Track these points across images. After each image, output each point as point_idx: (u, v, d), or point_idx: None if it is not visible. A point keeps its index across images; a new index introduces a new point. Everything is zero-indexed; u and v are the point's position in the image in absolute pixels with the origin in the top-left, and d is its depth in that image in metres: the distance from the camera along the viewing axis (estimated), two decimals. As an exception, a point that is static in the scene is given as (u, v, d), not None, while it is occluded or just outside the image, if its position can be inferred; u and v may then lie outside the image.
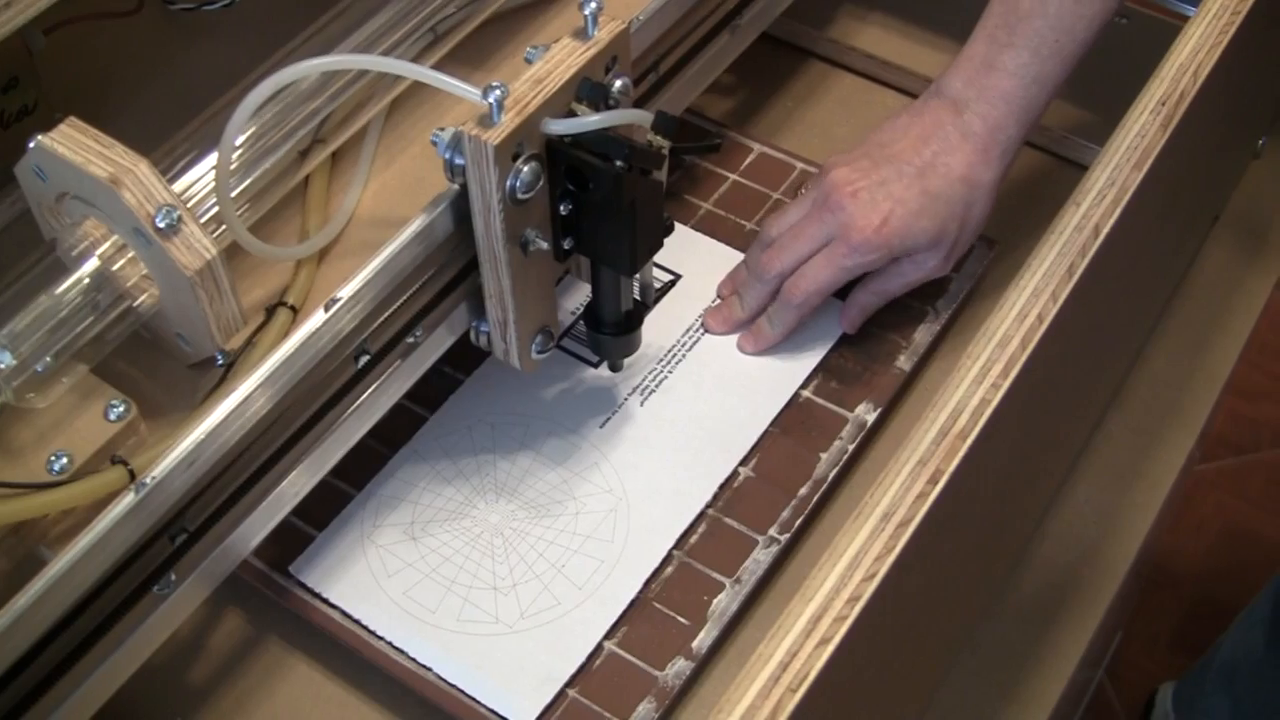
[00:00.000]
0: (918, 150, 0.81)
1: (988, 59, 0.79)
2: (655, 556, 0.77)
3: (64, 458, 0.65)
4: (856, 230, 0.80)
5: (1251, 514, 1.90)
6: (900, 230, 0.80)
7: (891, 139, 0.82)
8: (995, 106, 0.79)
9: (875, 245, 0.80)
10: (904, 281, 0.84)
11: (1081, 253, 0.65)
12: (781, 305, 0.84)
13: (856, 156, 0.83)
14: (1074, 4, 0.77)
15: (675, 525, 0.79)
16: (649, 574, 0.77)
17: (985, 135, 0.80)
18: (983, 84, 0.80)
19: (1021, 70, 0.78)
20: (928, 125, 0.81)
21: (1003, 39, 0.79)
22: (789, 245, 0.84)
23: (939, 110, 0.81)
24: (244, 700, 0.75)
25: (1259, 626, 1.34)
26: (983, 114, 0.80)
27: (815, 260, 0.82)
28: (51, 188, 0.67)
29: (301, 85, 0.75)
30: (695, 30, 0.84)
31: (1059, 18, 0.77)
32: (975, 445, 0.58)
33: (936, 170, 0.80)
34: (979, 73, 0.80)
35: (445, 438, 0.83)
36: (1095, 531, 0.84)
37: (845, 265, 0.81)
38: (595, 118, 0.67)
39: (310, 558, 0.78)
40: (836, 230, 0.81)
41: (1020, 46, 0.78)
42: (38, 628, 0.59)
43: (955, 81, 0.81)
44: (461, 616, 0.75)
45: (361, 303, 0.67)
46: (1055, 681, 0.79)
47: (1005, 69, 0.79)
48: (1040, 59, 0.78)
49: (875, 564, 0.54)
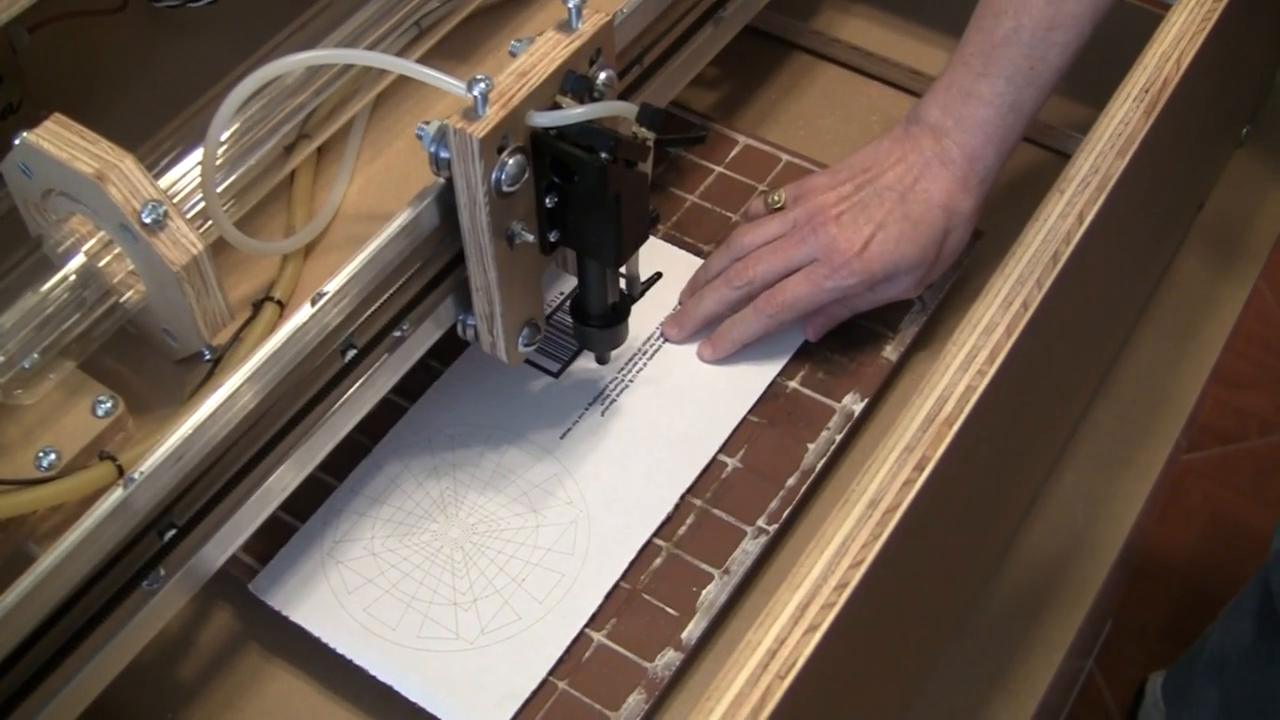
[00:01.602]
0: (900, 176, 0.81)
1: (964, 87, 0.79)
2: (617, 568, 0.77)
3: (52, 454, 0.65)
4: (839, 253, 0.81)
5: (1239, 503, 1.90)
6: (881, 255, 0.80)
7: (874, 163, 0.83)
8: (973, 135, 0.79)
9: (856, 270, 0.80)
10: (874, 299, 0.84)
11: (1066, 240, 0.65)
12: (753, 313, 0.84)
13: (840, 180, 0.83)
14: (1047, 31, 0.76)
15: (637, 536, 0.78)
16: (610, 586, 0.76)
17: (964, 164, 0.80)
18: (960, 112, 0.80)
19: (998, 99, 0.78)
20: (909, 151, 0.81)
21: (978, 67, 0.78)
22: (766, 258, 0.84)
23: (919, 137, 0.81)
24: (233, 696, 0.75)
25: (1247, 617, 1.34)
26: (961, 142, 0.80)
27: (795, 277, 0.83)
28: (37, 184, 0.67)
29: (286, 80, 0.75)
30: (679, 22, 0.84)
31: (1032, 45, 0.77)
32: (961, 432, 0.58)
33: (917, 196, 0.80)
34: (956, 101, 0.80)
35: (405, 449, 0.82)
36: (1083, 520, 0.85)
37: (825, 286, 0.81)
38: (580, 110, 0.67)
39: (271, 575, 0.77)
40: (818, 252, 0.82)
41: (995, 75, 0.78)
42: (27, 624, 0.59)
43: (933, 109, 0.81)
44: (422, 633, 0.75)
45: (348, 297, 0.67)
46: (1044, 669, 0.79)
47: (981, 97, 0.79)
48: (1015, 87, 0.78)
49: (862, 551, 0.54)
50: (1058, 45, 0.77)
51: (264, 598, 0.76)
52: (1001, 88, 0.78)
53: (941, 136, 0.80)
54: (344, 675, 0.75)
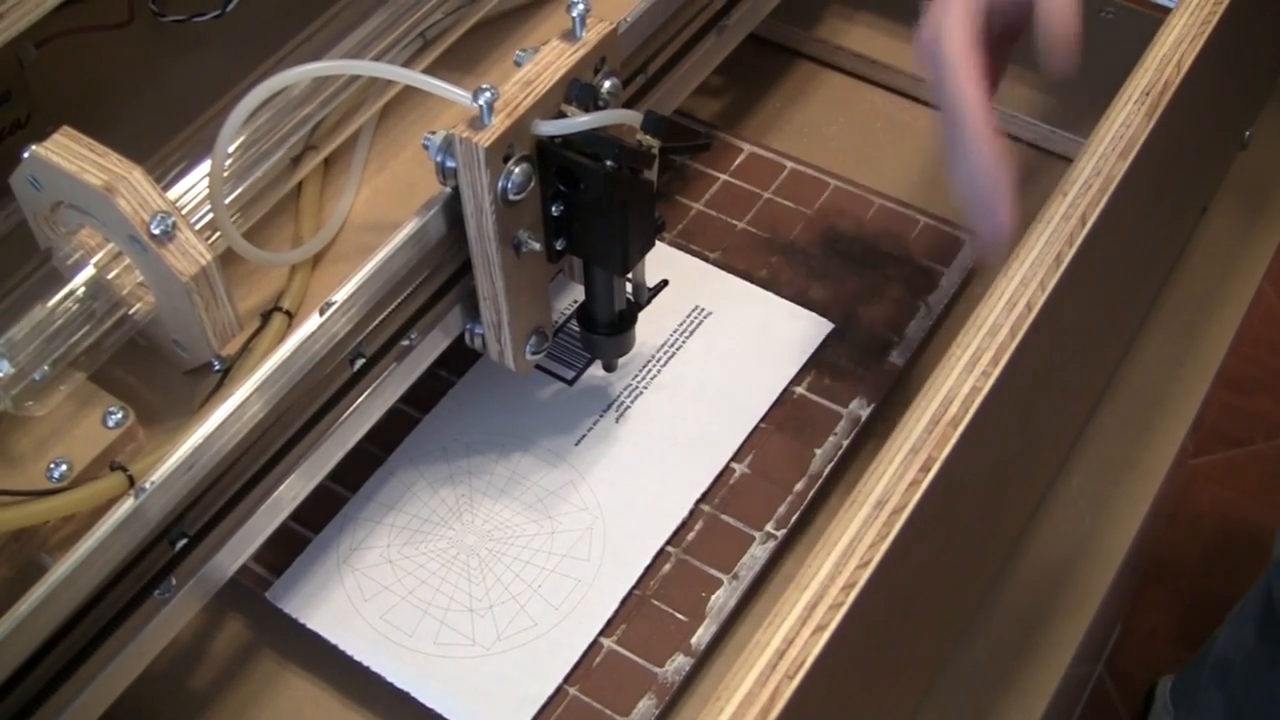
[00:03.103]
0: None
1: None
2: (632, 574, 0.77)
3: (63, 465, 0.66)
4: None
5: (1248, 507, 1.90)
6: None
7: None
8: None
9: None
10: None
11: (1069, 242, 0.65)
12: None
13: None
14: None
15: (651, 542, 0.78)
16: (626, 591, 0.77)
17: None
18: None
19: None
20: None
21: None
22: None
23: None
24: (247, 705, 0.76)
25: (1251, 622, 1.34)
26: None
27: None
28: (46, 197, 0.68)
29: (293, 92, 0.76)
30: (683, 31, 0.84)
31: None
32: (967, 433, 0.59)
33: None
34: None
35: (420, 457, 0.83)
36: (1090, 522, 0.85)
37: None
38: (585, 118, 0.67)
39: (287, 583, 0.77)
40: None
41: None
42: (39, 634, 0.59)
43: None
44: (439, 640, 0.75)
45: (356, 306, 0.67)
46: (1052, 672, 0.79)
47: None
48: None
49: (869, 551, 0.54)
50: None
51: (280, 605, 0.77)
52: None
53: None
54: (360, 682, 0.75)
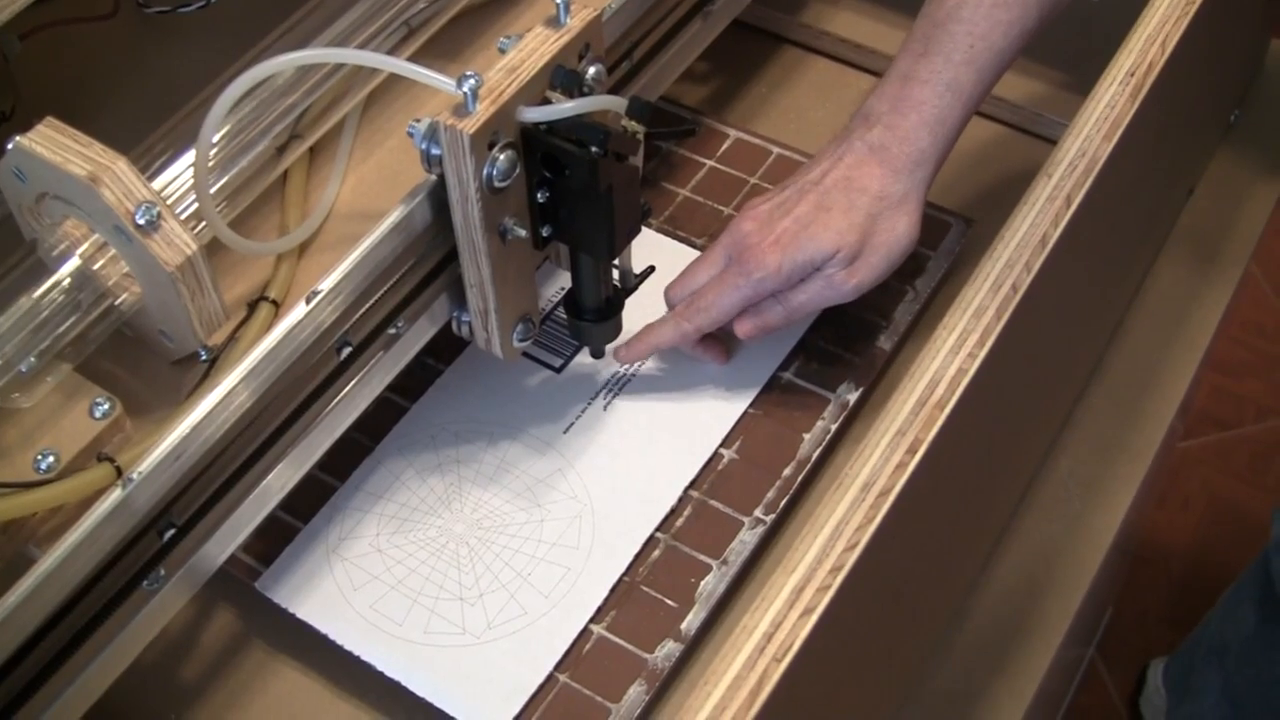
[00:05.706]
0: (825, 170, 0.79)
1: (903, 71, 0.78)
2: (621, 562, 0.77)
3: (50, 456, 0.65)
4: (749, 249, 0.79)
5: (1237, 489, 1.91)
6: (790, 244, 0.77)
7: (811, 166, 0.81)
8: (906, 116, 0.77)
9: (765, 262, 0.78)
10: (810, 299, 0.80)
11: (1054, 223, 0.65)
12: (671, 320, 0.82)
13: (774, 191, 0.82)
14: (990, 8, 0.75)
15: (640, 530, 0.79)
16: (615, 579, 0.77)
17: (894, 145, 0.77)
18: (896, 95, 0.78)
19: (934, 77, 0.76)
20: (840, 145, 0.80)
21: (918, 49, 0.77)
22: (689, 271, 0.83)
23: (854, 129, 0.79)
24: (238, 695, 0.76)
25: (1247, 603, 1.35)
26: (892, 125, 0.77)
27: (710, 282, 0.81)
28: (31, 188, 0.67)
29: (277, 81, 0.76)
30: (668, 17, 0.84)
31: (974, 23, 0.75)
32: (953, 415, 0.59)
33: (839, 185, 0.78)
34: (894, 86, 0.78)
35: (408, 446, 0.83)
36: (1079, 505, 0.85)
37: (737, 284, 0.79)
38: (570, 104, 0.67)
39: (276, 573, 0.77)
40: (732, 251, 0.80)
41: (934, 54, 0.76)
42: (28, 625, 0.59)
43: (873, 100, 0.79)
44: (429, 629, 0.75)
45: (342, 295, 0.67)
46: (1042, 655, 0.80)
47: (918, 77, 0.77)
48: (953, 65, 0.76)
49: (856, 534, 0.55)
50: (1001, 25, 0.75)
51: (270, 595, 0.77)
52: (939, 65, 0.76)
53: (874, 123, 0.78)
54: (350, 671, 0.75)
